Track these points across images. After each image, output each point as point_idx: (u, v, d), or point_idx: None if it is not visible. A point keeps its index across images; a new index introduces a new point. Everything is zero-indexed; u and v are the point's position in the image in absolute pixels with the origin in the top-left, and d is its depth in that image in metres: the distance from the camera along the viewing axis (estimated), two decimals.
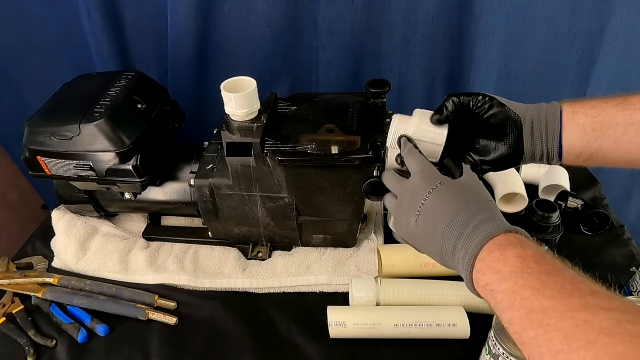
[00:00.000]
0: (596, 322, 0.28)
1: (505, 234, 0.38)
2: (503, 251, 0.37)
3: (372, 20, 0.85)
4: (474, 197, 0.42)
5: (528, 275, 0.34)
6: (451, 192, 0.43)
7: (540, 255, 0.35)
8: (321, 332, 0.66)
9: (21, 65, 0.95)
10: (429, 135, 0.51)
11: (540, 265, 0.34)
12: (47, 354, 0.67)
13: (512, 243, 0.37)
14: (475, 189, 0.44)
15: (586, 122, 0.46)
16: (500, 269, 0.36)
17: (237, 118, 0.63)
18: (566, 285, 0.32)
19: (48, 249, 0.83)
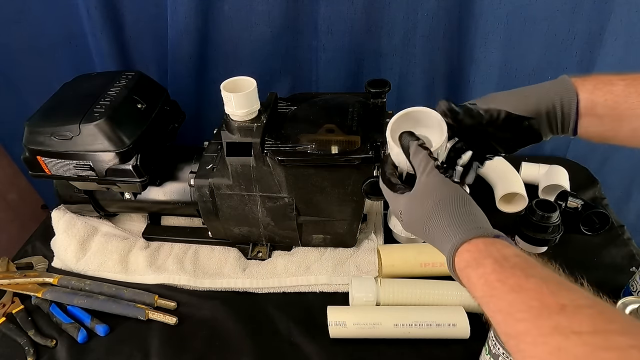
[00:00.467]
0: (570, 349, 0.28)
1: (459, 253, 0.38)
2: (467, 277, 0.37)
3: (372, 20, 0.85)
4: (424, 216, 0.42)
5: (496, 299, 0.34)
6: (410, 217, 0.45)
7: (500, 270, 0.35)
8: (321, 332, 0.66)
9: (21, 65, 0.95)
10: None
11: (503, 282, 0.34)
12: (47, 354, 0.67)
13: (470, 264, 0.37)
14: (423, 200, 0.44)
15: (605, 113, 0.45)
16: (473, 293, 0.37)
17: (237, 118, 0.63)
18: (533, 303, 0.31)
19: (48, 249, 0.83)
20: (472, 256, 0.37)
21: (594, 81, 0.46)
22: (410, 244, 0.79)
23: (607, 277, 0.74)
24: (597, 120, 0.45)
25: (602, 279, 0.74)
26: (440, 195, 0.42)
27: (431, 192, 0.43)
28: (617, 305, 0.59)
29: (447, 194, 0.42)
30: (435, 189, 0.43)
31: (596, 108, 0.45)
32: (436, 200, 0.42)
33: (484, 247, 0.37)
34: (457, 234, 0.39)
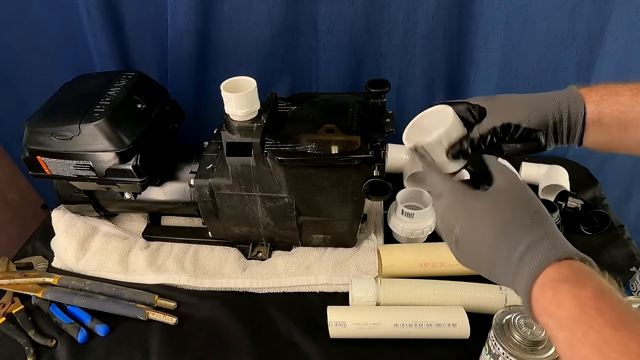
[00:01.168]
0: None
1: (558, 264, 0.33)
2: (556, 290, 0.32)
3: (372, 20, 0.85)
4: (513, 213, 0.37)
5: (587, 326, 0.29)
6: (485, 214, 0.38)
7: (602, 297, 0.30)
8: (321, 332, 0.66)
9: (21, 65, 0.95)
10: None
11: (601, 313, 0.29)
12: (47, 354, 0.67)
13: (567, 279, 0.32)
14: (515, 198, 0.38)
15: (612, 123, 0.44)
16: (554, 312, 0.31)
17: (237, 118, 0.63)
18: (632, 345, 0.27)
19: (48, 249, 0.83)
20: (572, 270, 0.33)
21: (600, 91, 0.45)
22: (410, 244, 0.79)
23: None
24: (604, 130, 0.44)
25: None
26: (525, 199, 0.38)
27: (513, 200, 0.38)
28: None
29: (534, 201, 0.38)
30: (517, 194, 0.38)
31: (603, 118, 0.44)
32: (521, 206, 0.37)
33: (590, 269, 0.33)
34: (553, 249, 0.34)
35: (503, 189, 0.39)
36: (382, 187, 0.64)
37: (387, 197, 0.65)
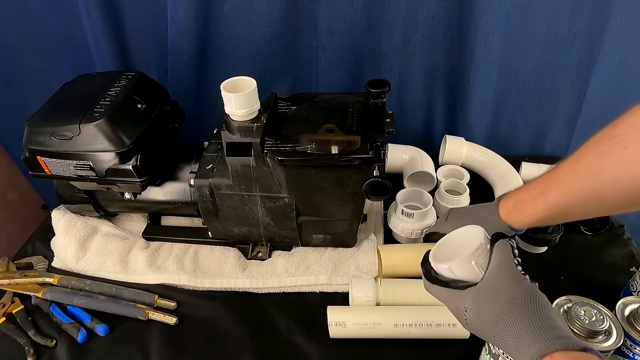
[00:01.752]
0: None
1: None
2: None
3: (372, 20, 0.85)
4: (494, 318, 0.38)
5: None
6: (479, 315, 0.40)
7: None
8: (321, 332, 0.66)
9: (21, 65, 0.96)
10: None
11: None
12: (47, 354, 0.67)
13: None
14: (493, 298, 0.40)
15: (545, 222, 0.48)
16: None
17: (237, 118, 0.63)
18: None
19: (48, 249, 0.83)
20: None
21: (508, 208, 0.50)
22: (410, 244, 0.79)
23: (607, 277, 0.74)
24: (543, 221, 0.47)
25: (602, 279, 0.74)
26: (514, 293, 0.38)
27: (503, 288, 0.39)
28: (617, 305, 0.59)
29: (523, 293, 0.38)
30: (508, 285, 0.39)
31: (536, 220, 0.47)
32: (509, 298, 0.38)
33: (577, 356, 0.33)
34: (535, 342, 0.35)
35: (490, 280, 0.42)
36: (382, 187, 0.64)
37: (387, 197, 0.65)
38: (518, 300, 0.38)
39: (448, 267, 0.44)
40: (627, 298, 0.60)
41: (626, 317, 0.58)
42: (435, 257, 0.46)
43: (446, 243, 0.48)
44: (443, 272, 0.45)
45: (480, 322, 0.40)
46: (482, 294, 0.41)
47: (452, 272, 0.44)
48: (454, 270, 0.44)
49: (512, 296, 0.38)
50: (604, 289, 0.70)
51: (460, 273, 0.43)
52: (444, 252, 0.46)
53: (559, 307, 0.58)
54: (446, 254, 0.45)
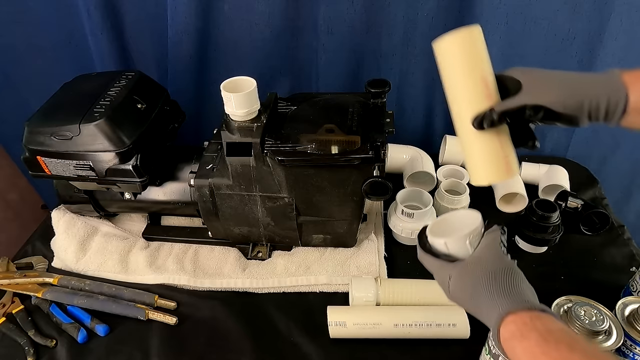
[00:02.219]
0: None
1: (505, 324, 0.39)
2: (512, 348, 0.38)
3: (372, 20, 0.85)
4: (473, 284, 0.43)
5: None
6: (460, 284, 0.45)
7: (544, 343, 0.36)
8: (321, 332, 0.66)
9: (21, 65, 0.96)
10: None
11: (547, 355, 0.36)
12: (47, 354, 0.67)
13: (514, 335, 0.38)
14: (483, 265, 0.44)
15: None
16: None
17: (237, 118, 0.63)
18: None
19: (48, 249, 0.83)
20: (517, 328, 0.38)
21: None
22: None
23: (607, 277, 0.74)
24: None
25: (602, 279, 0.74)
26: (494, 266, 0.43)
27: (486, 262, 0.44)
28: (617, 305, 0.59)
29: (501, 266, 0.43)
30: (491, 260, 0.44)
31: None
32: (489, 269, 0.43)
33: (530, 320, 0.38)
34: (504, 304, 0.40)
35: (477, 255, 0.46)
36: (382, 187, 0.64)
37: (387, 197, 0.65)
38: (497, 272, 0.42)
39: (444, 242, 0.48)
40: (627, 298, 0.60)
41: (626, 317, 0.58)
42: (432, 231, 0.49)
43: (444, 221, 0.51)
44: (438, 246, 0.48)
45: (461, 289, 0.45)
46: (466, 267, 0.45)
47: (446, 247, 0.48)
48: (448, 246, 0.48)
49: (492, 268, 0.43)
50: (604, 289, 0.70)
51: (454, 249, 0.47)
52: (440, 229, 0.49)
53: (559, 307, 0.58)
54: (443, 231, 0.49)
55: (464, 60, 0.47)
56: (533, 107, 0.44)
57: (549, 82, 0.45)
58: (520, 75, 0.47)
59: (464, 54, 0.47)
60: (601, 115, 0.44)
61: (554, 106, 0.44)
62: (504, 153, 0.47)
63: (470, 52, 0.47)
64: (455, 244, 0.47)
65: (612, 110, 0.43)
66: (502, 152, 0.47)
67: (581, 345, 0.35)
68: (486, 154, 0.48)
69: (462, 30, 0.46)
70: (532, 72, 0.47)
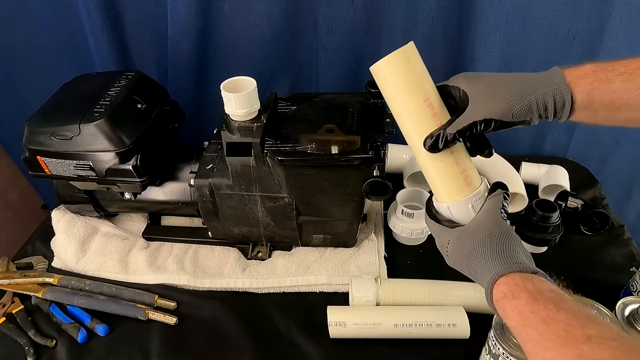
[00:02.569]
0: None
1: (497, 285, 0.40)
2: (503, 307, 0.40)
3: (372, 20, 0.85)
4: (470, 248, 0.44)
5: (528, 328, 0.36)
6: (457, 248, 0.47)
7: (534, 302, 0.37)
8: (321, 332, 0.66)
9: (21, 65, 0.95)
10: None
11: (535, 313, 0.36)
12: (47, 354, 0.66)
13: (505, 295, 0.39)
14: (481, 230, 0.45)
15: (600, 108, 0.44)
16: (508, 322, 0.39)
17: (237, 118, 0.63)
18: (561, 333, 0.34)
19: (48, 249, 0.83)
20: (508, 288, 0.39)
21: (590, 78, 0.44)
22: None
23: (607, 277, 0.74)
24: (591, 112, 0.45)
25: (602, 279, 0.74)
26: (491, 230, 0.44)
27: (484, 227, 0.45)
28: (617, 305, 0.59)
29: (498, 230, 0.44)
30: (488, 225, 0.45)
31: (592, 105, 0.44)
32: (486, 234, 0.44)
33: (521, 281, 0.39)
34: (497, 267, 0.41)
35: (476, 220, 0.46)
36: (382, 187, 0.64)
37: (387, 197, 0.65)
38: (493, 236, 0.43)
39: (447, 207, 0.48)
40: (627, 298, 0.60)
41: (626, 317, 0.58)
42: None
43: None
44: (442, 210, 0.49)
45: (458, 252, 0.46)
46: (465, 232, 0.46)
47: (449, 211, 0.48)
48: (451, 210, 0.48)
49: (489, 232, 0.44)
50: (604, 289, 0.70)
51: (457, 213, 0.48)
52: None
53: None
54: None
55: (402, 82, 0.46)
56: (484, 122, 0.44)
57: (494, 91, 0.45)
58: (465, 85, 0.47)
59: (400, 76, 0.45)
60: (550, 116, 0.45)
61: (503, 117, 0.44)
62: (460, 169, 0.47)
63: (406, 73, 0.46)
64: (457, 208, 0.48)
65: (559, 110, 0.45)
66: (459, 168, 0.47)
67: (568, 304, 0.36)
68: (443, 173, 0.47)
69: (394, 53, 0.45)
70: (476, 80, 0.47)
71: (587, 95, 0.44)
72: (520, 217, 0.79)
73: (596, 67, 0.44)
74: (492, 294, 0.41)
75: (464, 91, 0.46)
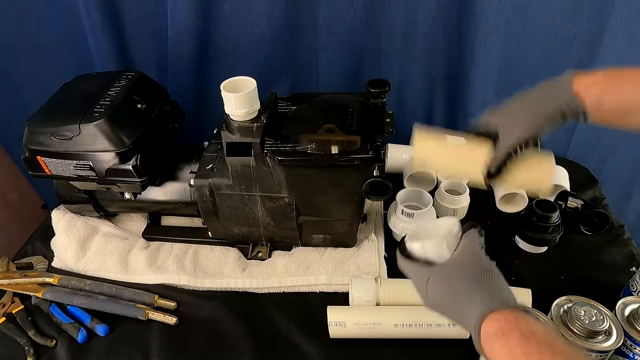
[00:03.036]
0: None
1: (488, 320, 0.39)
2: (491, 344, 0.39)
3: (372, 20, 0.85)
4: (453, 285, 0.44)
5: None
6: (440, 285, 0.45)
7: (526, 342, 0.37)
8: (321, 332, 0.66)
9: (21, 65, 0.95)
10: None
11: (527, 356, 0.36)
12: (47, 354, 0.67)
13: (496, 333, 0.38)
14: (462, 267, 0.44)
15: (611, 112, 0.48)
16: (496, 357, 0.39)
17: (237, 118, 0.63)
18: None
19: (48, 249, 0.83)
20: (499, 325, 0.38)
21: (600, 86, 0.48)
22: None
23: (607, 277, 0.74)
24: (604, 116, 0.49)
25: (602, 279, 0.74)
26: (474, 267, 0.43)
27: (465, 264, 0.44)
28: (617, 305, 0.59)
29: (481, 267, 0.43)
30: (470, 262, 0.44)
31: (602, 110, 0.48)
32: (469, 271, 0.43)
33: (513, 319, 0.38)
34: (486, 303, 0.40)
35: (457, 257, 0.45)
36: (382, 187, 0.64)
37: (387, 197, 0.65)
38: (477, 273, 0.43)
39: (421, 246, 0.48)
40: (627, 298, 0.60)
41: (626, 317, 0.58)
42: (411, 237, 0.50)
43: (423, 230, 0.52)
44: (416, 251, 0.49)
45: (439, 291, 0.45)
46: (445, 268, 0.45)
47: (423, 250, 0.48)
48: (425, 249, 0.48)
49: (472, 269, 0.43)
50: (604, 289, 0.70)
51: (431, 253, 0.48)
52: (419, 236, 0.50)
53: (558, 307, 0.58)
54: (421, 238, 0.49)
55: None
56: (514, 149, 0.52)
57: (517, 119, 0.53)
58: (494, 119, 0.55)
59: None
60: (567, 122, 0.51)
61: (527, 139, 0.52)
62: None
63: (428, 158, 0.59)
64: (432, 247, 0.47)
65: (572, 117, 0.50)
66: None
67: (563, 348, 0.36)
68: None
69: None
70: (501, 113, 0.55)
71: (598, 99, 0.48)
72: (520, 217, 0.79)
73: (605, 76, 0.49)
74: (481, 329, 0.40)
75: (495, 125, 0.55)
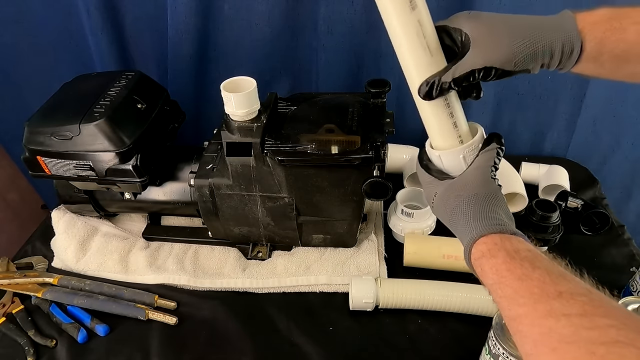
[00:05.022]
0: (558, 330, 0.31)
1: (477, 244, 0.41)
2: (481, 266, 0.40)
3: (372, 20, 0.85)
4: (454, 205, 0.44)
5: (503, 285, 0.37)
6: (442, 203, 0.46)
7: (511, 260, 0.38)
8: (321, 332, 0.66)
9: (21, 65, 0.95)
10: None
11: (511, 272, 0.37)
12: (47, 354, 0.67)
13: (484, 254, 0.40)
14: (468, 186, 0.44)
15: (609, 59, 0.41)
16: (484, 281, 0.40)
17: (237, 118, 0.63)
18: (534, 290, 0.35)
19: (48, 249, 0.83)
20: (487, 248, 0.40)
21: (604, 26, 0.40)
22: (435, 237, 0.79)
23: (607, 277, 0.74)
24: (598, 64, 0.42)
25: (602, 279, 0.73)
26: (478, 190, 0.43)
27: (471, 185, 0.44)
28: None
29: (484, 191, 0.43)
30: (476, 184, 0.44)
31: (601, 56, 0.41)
32: (472, 193, 0.43)
33: (500, 240, 0.40)
34: (478, 227, 0.41)
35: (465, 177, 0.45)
36: (382, 187, 0.64)
37: (387, 197, 0.65)
38: (478, 196, 0.43)
39: (438, 155, 0.47)
40: (627, 298, 0.60)
41: None
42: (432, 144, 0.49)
43: None
44: (434, 159, 0.48)
45: (443, 207, 0.46)
46: (452, 186, 0.45)
47: (440, 160, 0.47)
48: (442, 159, 0.47)
49: (475, 192, 0.43)
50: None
51: (448, 164, 0.47)
52: None
53: None
54: None
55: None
56: (483, 70, 0.42)
57: (498, 36, 0.42)
58: (467, 27, 0.44)
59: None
60: (553, 65, 0.43)
61: (505, 65, 0.42)
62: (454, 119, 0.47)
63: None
64: (449, 158, 0.46)
65: (565, 59, 0.42)
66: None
67: (543, 263, 0.37)
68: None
69: None
70: (479, 21, 0.44)
71: (598, 45, 0.40)
72: (520, 217, 0.79)
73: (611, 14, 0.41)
74: (471, 253, 0.41)
75: (466, 34, 0.43)
